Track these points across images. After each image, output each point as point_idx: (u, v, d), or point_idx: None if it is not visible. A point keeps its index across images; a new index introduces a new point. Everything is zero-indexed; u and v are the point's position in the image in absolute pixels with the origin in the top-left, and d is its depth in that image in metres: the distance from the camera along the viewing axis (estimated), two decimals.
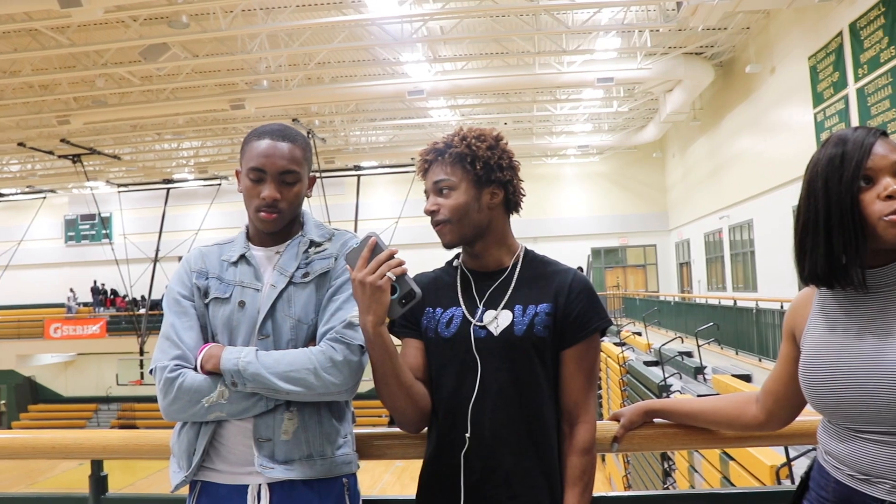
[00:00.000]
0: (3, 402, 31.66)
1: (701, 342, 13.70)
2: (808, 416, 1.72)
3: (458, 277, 1.88)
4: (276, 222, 1.83)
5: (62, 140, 21.48)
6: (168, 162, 27.35)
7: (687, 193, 24.50)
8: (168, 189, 28.44)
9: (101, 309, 30.78)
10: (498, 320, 1.77)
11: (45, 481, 20.60)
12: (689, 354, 14.74)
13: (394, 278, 1.63)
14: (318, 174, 2.00)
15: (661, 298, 22.44)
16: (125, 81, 16.97)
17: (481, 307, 1.80)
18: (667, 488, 11.82)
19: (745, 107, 17.25)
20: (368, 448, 1.95)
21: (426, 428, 1.84)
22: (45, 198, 29.76)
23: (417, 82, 16.94)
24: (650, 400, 1.98)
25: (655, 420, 1.91)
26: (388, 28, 14.57)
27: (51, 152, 22.91)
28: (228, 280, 1.88)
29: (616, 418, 1.91)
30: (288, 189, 1.83)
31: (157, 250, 27.04)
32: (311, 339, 1.81)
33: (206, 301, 1.86)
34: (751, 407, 1.75)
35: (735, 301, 14.06)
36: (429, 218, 1.81)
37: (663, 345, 14.09)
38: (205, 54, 15.41)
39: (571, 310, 1.76)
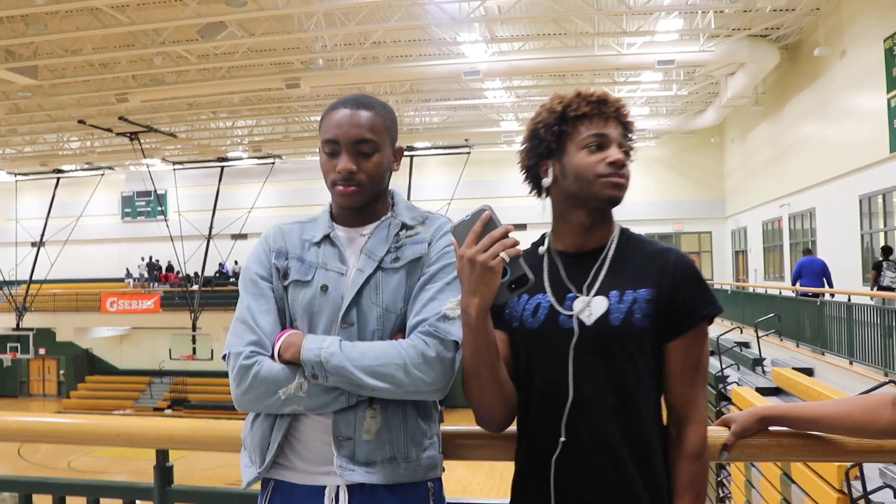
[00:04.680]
0: (62, 372, 32.58)
1: (760, 333, 13.34)
2: None
3: (546, 261, 1.69)
4: (356, 196, 1.68)
5: (120, 118, 21.78)
6: (223, 140, 27.62)
7: (745, 180, 23.88)
8: (222, 167, 28.76)
9: (156, 284, 31.33)
10: (591, 308, 1.58)
11: (101, 450, 20.65)
12: (747, 345, 14.38)
13: (507, 259, 1.45)
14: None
15: (717, 287, 21.94)
16: (182, 60, 17.09)
17: (572, 293, 1.62)
18: (721, 500, 11.56)
19: (811, 91, 16.65)
20: (453, 448, 1.79)
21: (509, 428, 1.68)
22: (103, 174, 30.31)
23: (474, 63, 16.72)
24: (766, 405, 1.79)
25: (770, 428, 1.71)
26: (446, 7, 14.37)
27: (109, 130, 23.27)
28: (310, 261, 1.73)
29: (726, 424, 1.70)
30: (365, 160, 1.67)
31: (211, 227, 27.43)
32: (398, 331, 1.66)
33: (286, 283, 1.72)
34: (886, 410, 1.56)
35: (797, 292, 13.62)
36: (481, 199, 1.61)
37: (720, 335, 13.77)
38: (261, 33, 15.41)
39: (676, 295, 1.57)
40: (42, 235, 28.67)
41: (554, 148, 1.65)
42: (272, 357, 1.62)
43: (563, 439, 1.55)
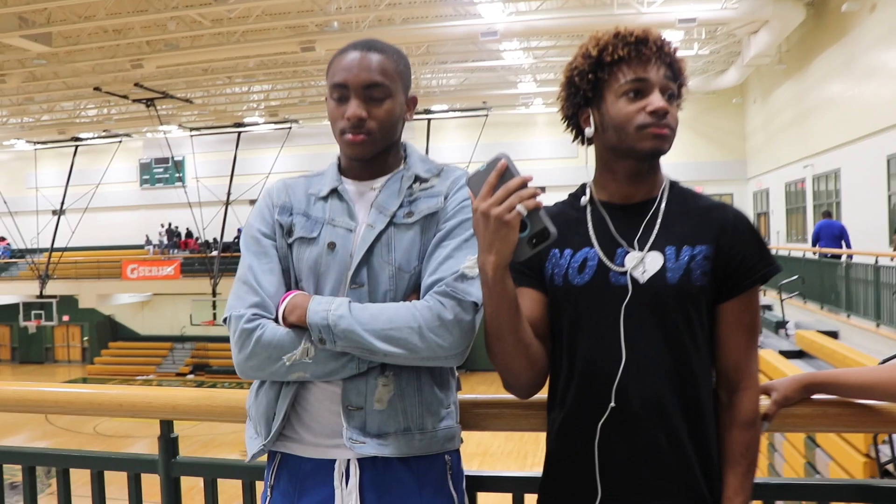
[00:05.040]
0: (85, 339, 32.97)
1: (783, 296, 13.15)
2: None
3: (590, 212, 1.56)
4: (366, 146, 1.55)
5: (136, 84, 21.68)
6: (239, 105, 27.49)
7: (768, 141, 23.48)
8: (239, 133, 28.67)
9: (176, 251, 31.48)
10: (645, 264, 1.47)
11: (106, 422, 20.38)
12: (770, 308, 14.22)
13: (525, 212, 1.33)
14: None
15: None
16: (196, 24, 16.91)
17: (623, 248, 1.50)
18: None
19: (837, 49, 16.20)
20: (472, 418, 1.68)
21: (538, 394, 1.57)
22: (120, 142, 30.32)
23: (491, 23, 16.42)
24: (809, 372, 1.66)
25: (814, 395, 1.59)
26: None
27: (125, 97, 23.22)
28: (317, 217, 1.61)
29: (766, 391, 1.58)
30: (376, 106, 1.55)
31: (229, 193, 27.41)
32: (412, 292, 1.54)
33: (290, 241, 1.61)
34: None
35: (819, 253, 13.39)
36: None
37: None
38: None
39: (735, 253, 1.46)
40: (62, 203, 28.79)
41: (591, 97, 1.53)
42: (276, 320, 1.52)
43: (612, 405, 1.44)
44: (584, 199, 1.58)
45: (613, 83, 1.50)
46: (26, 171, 32.90)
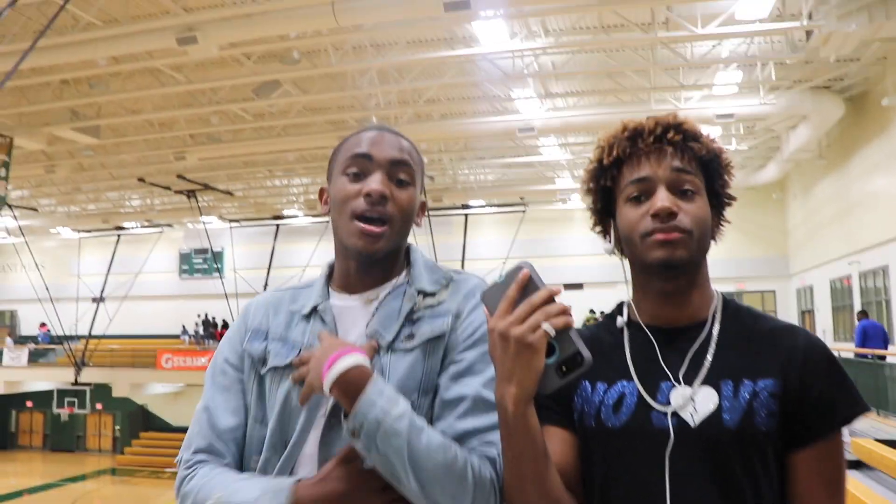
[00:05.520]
0: (117, 427, 32.77)
1: None
2: None
3: (628, 337, 1.29)
4: (381, 240, 1.30)
5: (178, 176, 22.15)
6: (278, 198, 27.90)
7: (810, 237, 23.06)
8: (278, 225, 28.99)
9: (211, 342, 31.47)
10: (696, 403, 1.19)
11: None
12: None
13: (552, 332, 1.07)
14: (427, 209, 1.47)
15: None
16: (238, 118, 17.31)
17: (667, 382, 1.22)
18: None
19: (879, 143, 15.99)
20: None
21: None
22: (161, 232, 30.86)
23: (528, 119, 16.53)
24: None
25: None
26: (499, 63, 14.25)
27: (168, 188, 23.70)
28: (294, 341, 1.35)
29: None
30: (401, 189, 1.32)
31: (266, 285, 27.49)
32: None
33: (264, 371, 1.35)
34: None
35: (872, 355, 12.80)
36: (537, 257, 1.21)
37: None
38: (315, 91, 15.52)
39: (809, 390, 1.18)
40: (102, 291, 29.15)
41: (603, 206, 1.32)
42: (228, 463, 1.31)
43: None
44: (621, 321, 1.31)
45: (621, 185, 1.29)
46: (70, 258, 33.54)
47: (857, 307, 18.23)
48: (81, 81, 15.16)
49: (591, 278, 26.92)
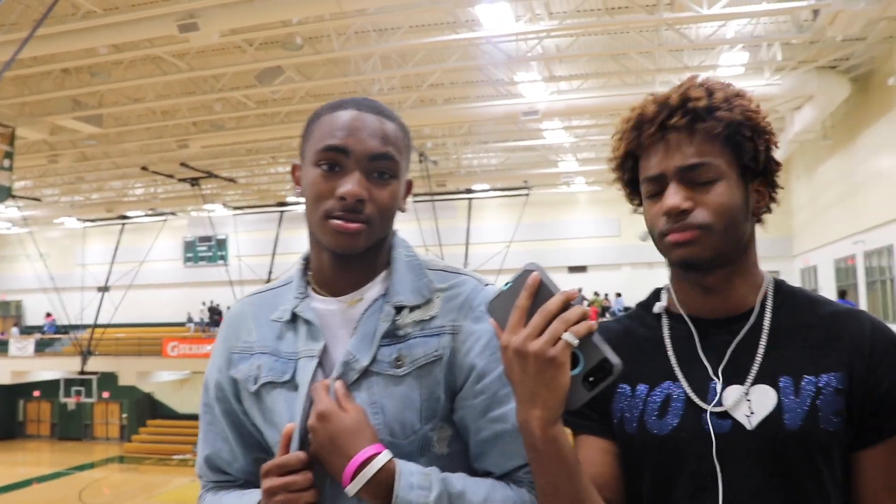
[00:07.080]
0: (124, 416, 32.88)
1: None
2: None
3: (667, 330, 1.18)
4: (359, 238, 1.14)
5: (182, 164, 22.08)
6: (282, 185, 27.81)
7: (814, 217, 22.97)
8: (281, 212, 28.94)
9: (216, 329, 31.46)
10: (751, 403, 1.08)
11: (161, 495, 21.08)
12: None
13: (575, 342, 0.94)
14: (428, 196, 1.36)
15: None
16: (241, 105, 17.22)
17: (717, 380, 1.11)
18: None
19: (885, 123, 15.88)
20: None
21: None
22: (165, 220, 30.81)
23: (532, 103, 16.43)
24: None
25: None
26: (503, 47, 14.13)
27: (171, 176, 23.63)
28: (286, 354, 1.22)
29: None
30: (380, 186, 1.16)
31: (270, 272, 27.51)
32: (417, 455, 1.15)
33: (254, 389, 1.23)
34: None
35: None
36: (541, 241, 1.09)
37: None
38: (318, 77, 15.43)
39: (879, 381, 1.06)
40: (107, 280, 29.15)
41: (635, 193, 1.23)
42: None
43: None
44: (660, 306, 1.19)
45: (641, 181, 1.19)
46: (74, 248, 33.56)
47: (862, 287, 18.17)
48: (83, 70, 15.07)
49: (595, 261, 26.88)
